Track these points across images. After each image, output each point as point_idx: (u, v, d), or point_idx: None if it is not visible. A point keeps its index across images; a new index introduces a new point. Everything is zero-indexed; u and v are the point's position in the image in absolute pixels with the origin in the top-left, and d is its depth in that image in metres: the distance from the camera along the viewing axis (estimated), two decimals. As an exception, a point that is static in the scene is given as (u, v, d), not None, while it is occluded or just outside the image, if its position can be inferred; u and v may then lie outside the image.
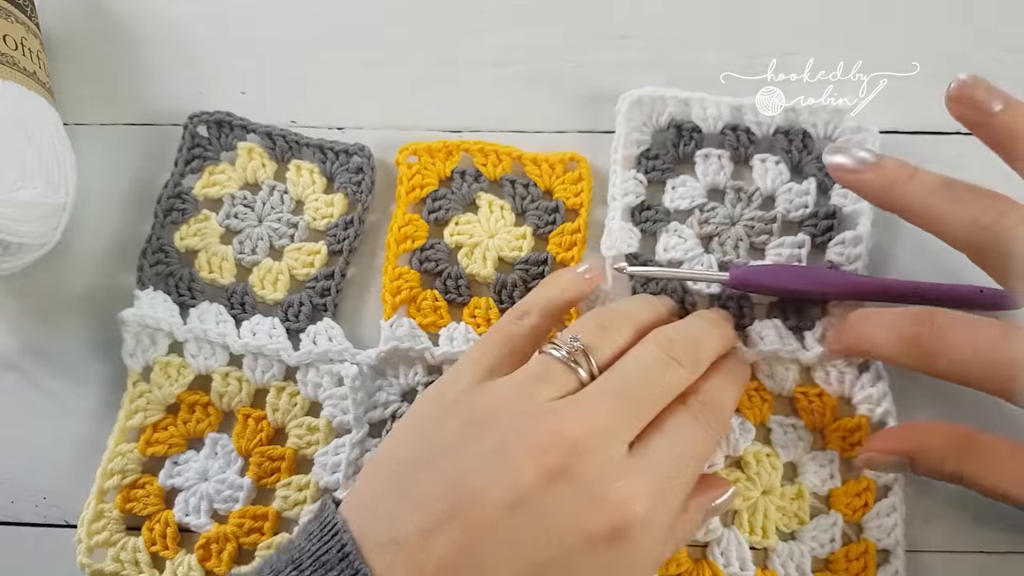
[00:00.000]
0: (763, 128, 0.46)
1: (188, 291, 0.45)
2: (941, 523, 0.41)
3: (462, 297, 0.44)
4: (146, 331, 0.43)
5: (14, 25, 0.45)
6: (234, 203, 0.46)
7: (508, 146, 0.46)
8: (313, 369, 0.43)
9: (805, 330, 0.43)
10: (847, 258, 0.43)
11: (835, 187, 0.45)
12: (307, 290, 0.45)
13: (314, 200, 0.46)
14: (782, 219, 0.45)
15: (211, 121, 0.47)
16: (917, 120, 0.47)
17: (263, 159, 0.47)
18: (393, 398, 0.43)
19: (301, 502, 0.41)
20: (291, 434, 0.43)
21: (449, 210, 0.46)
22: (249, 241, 0.46)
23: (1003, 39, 0.48)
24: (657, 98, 0.46)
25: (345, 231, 0.45)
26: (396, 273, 0.44)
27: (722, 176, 0.46)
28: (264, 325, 0.44)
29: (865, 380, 0.41)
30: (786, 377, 0.42)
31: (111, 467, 0.42)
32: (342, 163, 0.47)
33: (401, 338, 0.43)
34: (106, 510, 0.42)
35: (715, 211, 0.45)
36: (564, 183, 0.46)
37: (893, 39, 0.48)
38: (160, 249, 0.45)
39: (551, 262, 0.45)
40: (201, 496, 0.42)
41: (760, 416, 0.42)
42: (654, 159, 0.46)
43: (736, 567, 0.39)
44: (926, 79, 0.46)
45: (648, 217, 0.45)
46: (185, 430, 0.43)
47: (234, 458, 0.42)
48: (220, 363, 0.44)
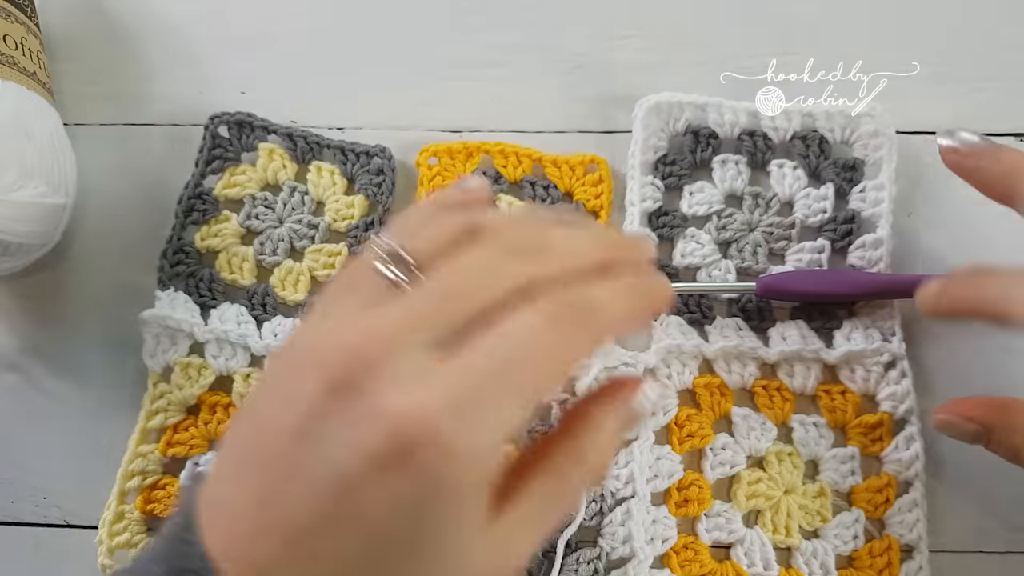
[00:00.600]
0: (780, 134, 0.47)
1: (209, 291, 0.45)
2: (941, 523, 0.41)
3: (483, 299, 0.45)
4: (166, 331, 0.43)
5: (14, 25, 0.45)
6: (255, 204, 0.47)
7: (528, 148, 0.47)
8: (335, 370, 0.43)
9: (833, 330, 0.43)
10: (868, 261, 0.44)
11: (853, 191, 0.46)
12: (328, 291, 0.45)
13: (335, 201, 0.47)
14: (801, 224, 0.46)
15: (232, 122, 0.47)
16: (917, 120, 0.48)
17: (284, 160, 0.47)
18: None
19: (322, 503, 0.42)
20: (313, 435, 0.43)
21: (471, 212, 0.46)
22: (270, 242, 0.46)
23: (1003, 39, 0.49)
24: (674, 104, 0.47)
25: (366, 232, 0.46)
26: (417, 274, 0.45)
27: (739, 182, 0.47)
28: (285, 326, 0.44)
29: (891, 377, 0.42)
30: (808, 376, 0.43)
31: (132, 468, 0.42)
32: (363, 164, 0.47)
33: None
34: (127, 511, 0.42)
35: (733, 217, 0.46)
36: (584, 185, 0.46)
37: (893, 39, 0.49)
38: (181, 249, 0.45)
39: (572, 264, 0.45)
40: (222, 497, 0.42)
41: (782, 416, 0.42)
42: (671, 165, 0.47)
43: (760, 567, 0.40)
44: (926, 79, 0.47)
45: (665, 223, 0.46)
46: (206, 431, 0.43)
47: (255, 459, 0.43)
48: (241, 364, 0.44)
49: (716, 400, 0.43)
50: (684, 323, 0.44)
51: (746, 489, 0.41)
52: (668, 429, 0.42)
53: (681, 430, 0.42)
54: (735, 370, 0.43)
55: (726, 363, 0.43)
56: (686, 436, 0.42)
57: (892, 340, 0.43)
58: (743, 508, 0.41)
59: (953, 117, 0.47)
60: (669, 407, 0.42)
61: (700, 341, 0.43)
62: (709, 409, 0.43)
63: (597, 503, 0.41)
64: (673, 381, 0.43)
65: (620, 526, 0.40)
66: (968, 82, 0.48)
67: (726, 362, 0.43)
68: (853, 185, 0.46)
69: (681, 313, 0.45)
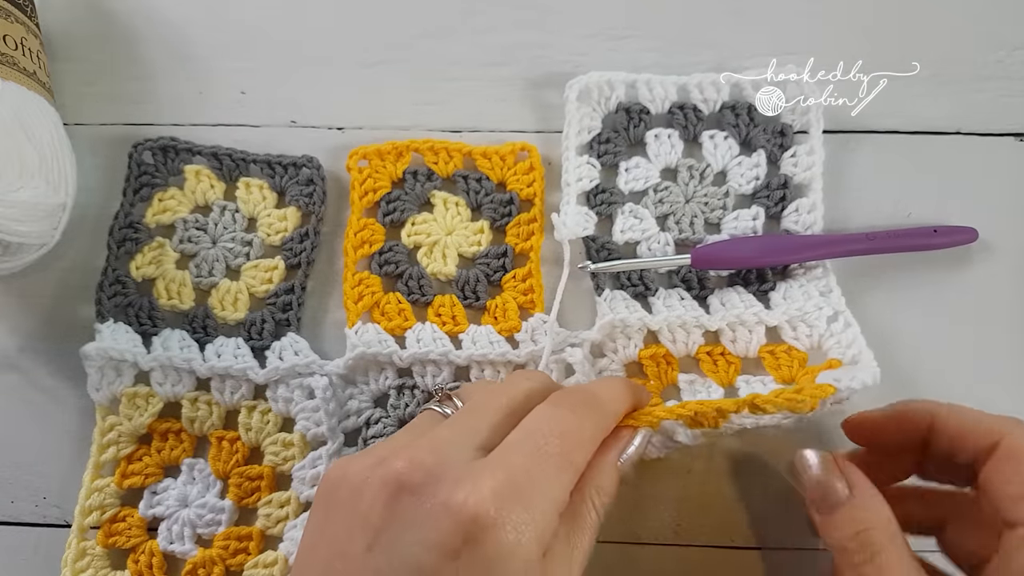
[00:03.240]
0: (710, 105, 0.48)
1: (149, 320, 0.46)
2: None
3: (425, 297, 0.46)
4: (110, 363, 0.44)
5: (14, 25, 0.46)
6: (186, 227, 0.48)
7: (458, 142, 0.48)
8: (283, 385, 0.45)
9: (768, 292, 0.45)
10: (802, 225, 0.46)
11: (784, 157, 0.47)
12: (268, 307, 0.46)
13: (267, 216, 0.48)
14: (735, 193, 0.47)
15: (155, 147, 0.48)
16: (917, 120, 0.49)
17: (211, 180, 0.48)
18: (365, 405, 0.45)
19: (284, 518, 0.43)
20: (267, 452, 0.44)
21: (404, 211, 0.47)
22: (205, 263, 0.47)
23: (1003, 39, 0.50)
24: (604, 82, 0.48)
25: (301, 244, 0.47)
26: (356, 279, 0.46)
27: (673, 155, 0.48)
28: (228, 346, 0.45)
29: (835, 328, 0.44)
30: (750, 340, 0.44)
31: (89, 504, 0.43)
32: (291, 176, 0.48)
33: (368, 344, 0.45)
34: (88, 547, 0.43)
35: (669, 190, 0.48)
36: (516, 174, 0.48)
37: (893, 39, 0.50)
38: (117, 280, 0.46)
39: (511, 254, 0.47)
40: (183, 523, 0.43)
41: (728, 379, 0.44)
42: (606, 143, 0.48)
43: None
44: (926, 79, 0.49)
45: (603, 200, 0.47)
46: (160, 459, 0.44)
47: (212, 481, 0.44)
48: (188, 388, 0.45)
49: (663, 369, 0.44)
50: (628, 297, 0.46)
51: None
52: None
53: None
54: (680, 339, 0.45)
55: (671, 333, 0.45)
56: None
57: (830, 296, 0.44)
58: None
59: (953, 117, 0.49)
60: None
61: (644, 314, 0.45)
62: (656, 379, 0.44)
63: None
64: (619, 355, 0.44)
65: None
66: (968, 82, 0.50)
67: (671, 332, 0.45)
68: (784, 151, 0.48)
69: (624, 288, 0.46)
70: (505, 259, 0.46)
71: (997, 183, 0.48)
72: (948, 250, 0.46)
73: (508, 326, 0.45)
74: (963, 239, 0.46)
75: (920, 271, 0.46)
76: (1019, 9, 0.51)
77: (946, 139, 0.49)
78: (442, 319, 0.46)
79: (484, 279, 0.46)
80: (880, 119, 0.49)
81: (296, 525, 0.43)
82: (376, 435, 0.44)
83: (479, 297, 0.46)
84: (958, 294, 0.46)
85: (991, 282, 0.46)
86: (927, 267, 0.46)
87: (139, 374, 0.45)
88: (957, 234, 0.45)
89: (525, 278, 0.46)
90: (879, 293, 0.46)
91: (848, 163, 0.48)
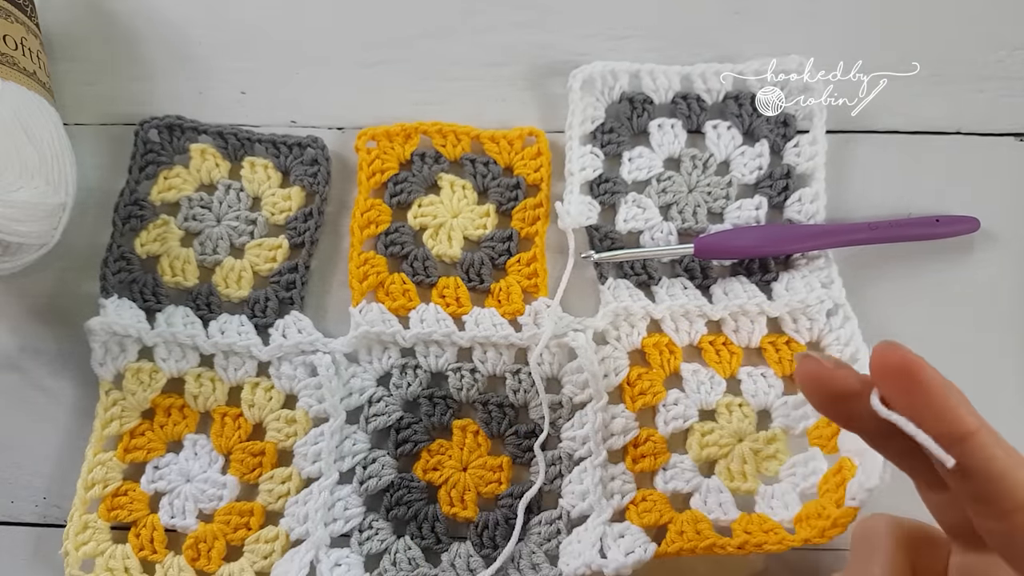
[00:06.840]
0: (713, 95, 0.51)
1: (153, 296, 0.48)
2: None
3: (430, 278, 0.48)
4: (114, 338, 0.46)
5: (14, 25, 0.47)
6: (191, 205, 0.50)
7: (466, 126, 0.50)
8: (286, 362, 0.47)
9: (770, 282, 0.48)
10: (805, 215, 0.49)
11: (787, 146, 0.50)
12: (272, 285, 0.49)
13: (271, 195, 0.50)
14: (738, 183, 0.50)
15: (161, 125, 0.50)
16: (917, 120, 0.51)
17: (216, 159, 0.50)
18: (368, 383, 0.47)
19: (285, 494, 0.45)
20: (269, 428, 0.46)
21: (411, 193, 0.50)
22: (209, 241, 0.49)
23: (1003, 39, 0.52)
24: (608, 72, 0.51)
25: (305, 223, 0.49)
26: (362, 259, 0.48)
27: (676, 145, 0.51)
28: (232, 323, 0.47)
29: (834, 323, 0.46)
30: (752, 330, 0.47)
31: (91, 477, 0.45)
32: (296, 156, 0.50)
33: (371, 323, 0.47)
34: (91, 520, 0.45)
35: (672, 180, 0.50)
36: (524, 159, 0.50)
37: (893, 39, 0.52)
38: (122, 257, 0.48)
39: (516, 238, 0.49)
40: (185, 497, 0.45)
41: (730, 369, 0.46)
42: (609, 133, 0.51)
43: (720, 513, 0.43)
44: (926, 79, 0.51)
45: (607, 190, 0.50)
46: (163, 434, 0.46)
47: (214, 457, 0.46)
48: (191, 364, 0.47)
49: (666, 358, 0.46)
50: (631, 285, 0.48)
51: (700, 440, 0.45)
52: (621, 388, 0.46)
53: (633, 388, 0.46)
54: (682, 328, 0.47)
55: (674, 322, 0.47)
56: (638, 394, 0.46)
57: (831, 288, 0.47)
58: (698, 458, 0.45)
59: (953, 117, 0.51)
60: (620, 368, 0.46)
61: (648, 303, 0.47)
62: (659, 367, 0.46)
63: (556, 466, 0.45)
64: (623, 343, 0.47)
65: (579, 484, 0.44)
66: (968, 82, 0.52)
67: (674, 321, 0.47)
68: (787, 140, 0.50)
69: (628, 276, 0.48)
70: (510, 243, 0.49)
71: (997, 183, 0.50)
72: (950, 241, 0.48)
73: (511, 309, 0.48)
74: (965, 228, 0.48)
75: (922, 262, 0.49)
76: (1019, 9, 0.53)
77: (946, 139, 0.51)
78: (446, 300, 0.48)
79: (489, 262, 0.49)
80: (880, 119, 0.51)
81: (297, 501, 0.45)
82: (378, 413, 0.46)
83: (483, 280, 0.48)
84: (960, 285, 0.48)
85: (993, 272, 0.49)
86: (929, 258, 0.49)
87: (143, 350, 0.47)
88: (959, 223, 0.48)
89: (530, 262, 0.48)
90: (882, 283, 0.48)
91: (848, 163, 0.51)
